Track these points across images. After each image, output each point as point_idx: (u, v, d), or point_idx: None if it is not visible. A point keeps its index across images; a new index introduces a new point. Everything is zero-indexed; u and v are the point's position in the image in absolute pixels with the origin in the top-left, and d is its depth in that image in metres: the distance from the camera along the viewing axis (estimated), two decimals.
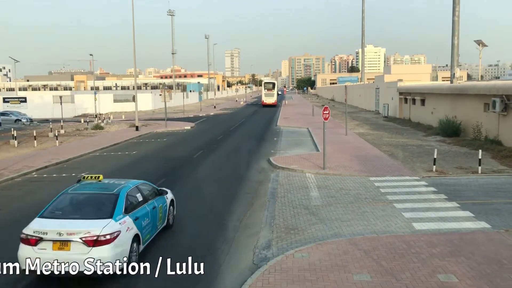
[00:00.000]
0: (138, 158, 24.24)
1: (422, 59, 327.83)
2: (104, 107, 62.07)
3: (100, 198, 9.65)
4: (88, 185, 10.23)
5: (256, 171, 19.78)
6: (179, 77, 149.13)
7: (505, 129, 23.99)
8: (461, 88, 29.99)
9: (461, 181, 16.86)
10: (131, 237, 9.12)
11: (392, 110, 46.31)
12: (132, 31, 37.41)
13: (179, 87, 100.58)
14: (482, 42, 60.82)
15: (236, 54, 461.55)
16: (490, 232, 11.07)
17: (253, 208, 13.98)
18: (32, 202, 15.19)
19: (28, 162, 22.32)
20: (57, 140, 29.94)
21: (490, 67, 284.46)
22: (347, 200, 14.48)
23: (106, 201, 9.43)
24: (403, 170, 18.88)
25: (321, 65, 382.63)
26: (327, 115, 19.68)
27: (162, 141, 31.47)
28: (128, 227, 9.10)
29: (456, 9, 32.76)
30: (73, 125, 44.03)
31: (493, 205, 13.52)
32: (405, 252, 9.68)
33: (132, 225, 9.29)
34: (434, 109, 34.95)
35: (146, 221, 10.06)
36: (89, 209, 9.41)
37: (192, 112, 61.75)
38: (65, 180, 18.66)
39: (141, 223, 9.75)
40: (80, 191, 10.02)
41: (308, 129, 36.68)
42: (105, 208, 9.23)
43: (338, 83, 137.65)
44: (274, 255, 9.96)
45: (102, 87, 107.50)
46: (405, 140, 28.27)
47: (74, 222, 8.81)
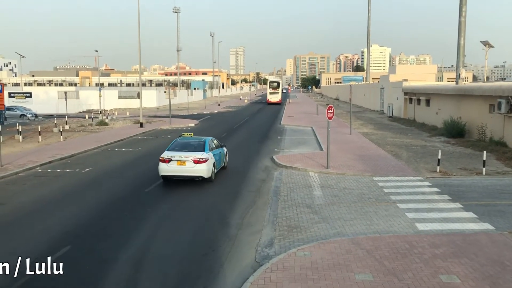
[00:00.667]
0: (142, 154, 24.28)
1: (427, 60, 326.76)
2: (108, 103, 62.14)
3: (196, 143, 17.57)
4: (186, 138, 18.33)
5: (259, 169, 19.79)
6: (184, 74, 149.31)
7: (511, 130, 23.88)
8: (467, 89, 29.86)
9: (465, 182, 16.80)
10: (212, 162, 16.96)
11: (397, 110, 46.19)
12: (138, 28, 37.47)
13: (184, 85, 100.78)
14: (488, 43, 60.54)
15: (241, 52, 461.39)
16: (493, 233, 11.03)
17: (256, 206, 13.99)
18: (36, 197, 15.27)
19: (33, 157, 22.41)
20: (61, 135, 30.04)
21: (496, 68, 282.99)
22: (350, 199, 14.46)
23: (199, 144, 17.34)
24: (407, 170, 18.84)
25: (326, 64, 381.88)
26: (331, 114, 19.65)
27: (166, 138, 31.49)
28: (211, 157, 16.87)
29: (462, 9, 32.62)
30: (77, 121, 44.14)
31: (497, 207, 13.47)
32: (407, 252, 9.67)
33: (212, 157, 17.03)
34: (439, 110, 34.83)
35: (217, 157, 17.87)
36: (191, 147, 17.14)
37: (196, 110, 61.81)
38: (69, 175, 18.73)
39: (215, 158, 17.51)
40: (183, 140, 17.99)
41: (312, 128, 36.64)
42: (200, 147, 17.06)
43: (343, 82, 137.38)
44: (276, 253, 9.97)
45: (107, 83, 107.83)
46: (409, 141, 28.20)
47: (186, 153, 16.52)
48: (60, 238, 11.05)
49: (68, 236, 11.24)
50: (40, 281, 8.74)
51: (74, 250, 10.26)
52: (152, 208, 13.80)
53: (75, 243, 10.73)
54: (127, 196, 15.36)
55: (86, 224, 12.24)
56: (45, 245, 10.60)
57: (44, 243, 10.79)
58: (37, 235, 11.41)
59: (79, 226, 12.09)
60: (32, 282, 8.30)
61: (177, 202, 14.68)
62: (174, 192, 15.78)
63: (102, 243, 10.80)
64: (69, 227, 11.92)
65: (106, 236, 11.31)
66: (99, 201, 14.69)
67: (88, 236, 11.35)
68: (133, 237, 11.18)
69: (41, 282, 8.43)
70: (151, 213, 13.30)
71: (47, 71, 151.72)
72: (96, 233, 11.58)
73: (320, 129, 34.23)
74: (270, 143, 28.30)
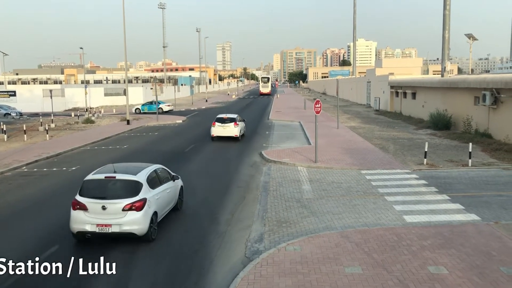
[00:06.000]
0: (129, 152, 24.13)
1: (413, 53, 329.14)
2: (94, 100, 61.53)
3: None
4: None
5: (248, 165, 19.78)
6: (170, 70, 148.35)
7: (495, 122, 24.19)
8: (452, 82, 30.15)
9: (451, 174, 16.99)
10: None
11: (384, 103, 46.48)
12: (123, 24, 37.10)
13: (171, 81, 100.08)
14: (472, 36, 61.10)
15: (227, 48, 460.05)
16: (480, 224, 11.19)
17: (245, 201, 14.00)
18: (22, 196, 15.08)
19: (18, 156, 22.13)
20: (47, 134, 29.69)
21: (481, 61, 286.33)
22: (339, 193, 14.53)
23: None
24: (394, 163, 18.98)
25: (312, 59, 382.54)
26: (319, 109, 19.70)
27: (153, 135, 31.34)
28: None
29: (447, 3, 32.88)
30: (63, 119, 43.66)
31: (483, 198, 13.65)
32: (396, 245, 9.76)
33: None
34: (425, 103, 35.13)
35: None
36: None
37: (183, 106, 61.51)
38: (56, 174, 18.54)
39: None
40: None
41: (300, 122, 36.71)
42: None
43: (329, 76, 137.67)
44: (266, 248, 10.00)
45: (92, 80, 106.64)
46: (396, 134, 28.41)
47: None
48: (48, 238, 10.95)
49: (55, 235, 11.13)
50: (30, 281, 8.66)
51: (62, 250, 10.17)
52: None
53: (63, 242, 10.62)
54: None
55: None
56: (33, 245, 10.49)
57: (31, 243, 10.68)
58: (24, 235, 11.29)
59: (67, 225, 11.95)
60: (21, 282, 8.20)
61: None
62: None
63: (90, 243, 10.69)
64: (56, 227, 11.80)
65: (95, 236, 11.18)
66: None
67: None
68: (123, 237, 11.08)
69: (31, 283, 8.35)
70: None
71: (32, 69, 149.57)
72: None
73: (308, 123, 34.30)
74: (259, 139, 28.29)
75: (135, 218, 10.06)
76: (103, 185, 10.60)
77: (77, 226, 10.27)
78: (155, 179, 11.36)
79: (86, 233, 10.27)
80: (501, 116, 23.61)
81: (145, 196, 10.38)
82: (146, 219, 10.22)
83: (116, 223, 10.02)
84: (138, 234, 10.15)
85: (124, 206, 10.09)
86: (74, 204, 10.37)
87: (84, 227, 10.16)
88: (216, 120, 27.49)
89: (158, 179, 11.50)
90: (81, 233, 10.29)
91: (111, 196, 10.36)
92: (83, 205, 10.22)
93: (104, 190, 10.52)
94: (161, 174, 11.95)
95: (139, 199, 10.24)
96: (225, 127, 26.79)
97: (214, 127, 27.06)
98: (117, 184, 10.60)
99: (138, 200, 10.21)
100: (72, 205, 10.42)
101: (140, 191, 10.41)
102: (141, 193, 10.37)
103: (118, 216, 10.06)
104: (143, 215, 10.17)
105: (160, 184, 11.46)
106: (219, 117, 27.71)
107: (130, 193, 10.34)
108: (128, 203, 10.12)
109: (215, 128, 27.02)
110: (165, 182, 11.84)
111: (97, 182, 10.70)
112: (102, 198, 10.25)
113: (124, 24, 37.09)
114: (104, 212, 10.08)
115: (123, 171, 11.00)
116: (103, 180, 10.66)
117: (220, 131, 26.86)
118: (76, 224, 10.28)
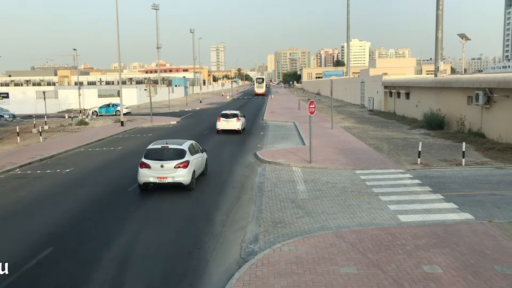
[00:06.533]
0: (123, 153, 24.04)
1: (406, 53, 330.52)
2: (88, 102, 61.24)
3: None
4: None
5: (243, 166, 19.78)
6: (164, 71, 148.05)
7: (488, 121, 24.34)
8: (445, 82, 30.31)
9: (445, 173, 17.07)
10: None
11: (377, 103, 46.63)
12: (116, 25, 36.99)
13: (165, 82, 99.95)
14: (465, 35, 61.41)
15: (221, 48, 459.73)
16: (473, 223, 11.25)
17: (240, 202, 14.00)
18: (16, 199, 14.99)
19: (12, 158, 22.00)
20: (40, 136, 29.54)
21: (473, 61, 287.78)
22: (333, 193, 14.56)
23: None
24: (388, 163, 19.05)
25: (306, 59, 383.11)
26: (313, 109, 19.74)
27: (147, 136, 31.24)
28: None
29: (440, 3, 33.06)
30: (57, 120, 43.44)
31: (476, 197, 13.73)
32: (390, 244, 9.79)
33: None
34: (418, 103, 35.28)
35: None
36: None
37: (177, 107, 61.39)
38: (49, 176, 18.44)
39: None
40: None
41: (294, 123, 36.75)
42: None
43: (323, 77, 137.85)
44: (261, 249, 10.00)
45: (86, 82, 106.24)
46: (390, 134, 28.52)
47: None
48: (42, 240, 10.89)
49: (50, 237, 11.08)
50: (24, 283, 8.63)
51: (57, 252, 10.13)
52: (135, 207, 13.70)
53: (57, 244, 10.58)
54: (109, 195, 15.20)
55: (68, 225, 12.08)
56: (27, 247, 10.43)
57: (26, 245, 10.61)
58: (19, 238, 11.22)
59: (61, 227, 11.92)
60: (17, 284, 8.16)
61: (160, 200, 14.57)
62: (157, 190, 15.65)
63: (85, 244, 10.67)
64: (51, 229, 11.75)
65: (90, 237, 11.18)
66: (81, 201, 14.51)
67: (71, 237, 11.20)
68: (116, 237, 11.08)
69: (25, 284, 8.31)
70: (134, 212, 13.21)
71: (25, 71, 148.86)
72: (79, 234, 11.44)
73: (302, 124, 34.36)
74: (253, 139, 28.30)
75: (183, 173, 14.80)
76: (160, 152, 15.30)
77: (143, 178, 14.90)
78: (192, 149, 16.12)
79: (149, 183, 15.02)
80: (494, 115, 23.77)
81: (188, 159, 15.10)
82: (189, 174, 14.97)
83: (170, 176, 14.73)
84: (184, 184, 14.91)
85: (175, 165, 14.75)
86: (141, 164, 15.01)
87: (149, 179, 14.84)
88: (221, 115, 31.14)
89: (193, 149, 16.28)
90: (146, 183, 15.03)
91: (166, 158, 14.97)
92: (148, 164, 14.85)
93: (161, 154, 15.17)
94: (195, 146, 16.82)
95: (184, 160, 14.96)
96: (229, 122, 30.42)
97: (219, 122, 30.62)
98: (170, 151, 15.33)
99: (184, 161, 14.91)
100: (139, 165, 15.05)
101: (185, 155, 15.14)
102: (185, 157, 15.10)
103: (171, 172, 14.74)
104: (188, 171, 14.92)
105: (195, 153, 16.27)
106: (223, 113, 31.40)
107: (178, 156, 15.06)
108: (178, 163, 14.79)
109: (220, 123, 30.56)
110: (198, 152, 16.68)
111: (156, 150, 15.43)
112: (160, 160, 14.89)
113: (118, 26, 36.99)
114: (162, 169, 14.76)
115: (172, 143, 15.98)
116: (160, 148, 15.47)
117: (225, 125, 30.52)
118: (143, 178, 14.90)
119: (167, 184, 14.79)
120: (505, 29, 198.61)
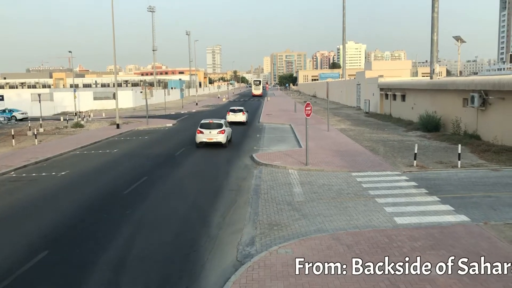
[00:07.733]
0: (119, 156, 23.98)
1: (402, 55, 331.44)
2: (84, 105, 61.19)
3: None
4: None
5: (239, 168, 19.77)
6: (160, 74, 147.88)
7: (483, 123, 24.44)
8: (441, 84, 30.42)
9: (441, 175, 17.11)
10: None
11: (373, 106, 46.75)
12: (112, 27, 36.94)
13: (160, 84, 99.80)
14: (460, 38, 61.70)
15: (217, 51, 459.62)
16: (469, 225, 11.27)
17: (237, 205, 13.98)
18: (11, 202, 14.92)
19: (6, 161, 21.90)
20: (36, 138, 29.41)
21: (469, 63, 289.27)
22: (330, 195, 14.57)
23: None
24: (384, 165, 19.08)
25: (302, 62, 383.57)
26: (309, 112, 19.76)
27: (143, 139, 31.20)
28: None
29: (435, 5, 33.19)
30: (52, 123, 43.29)
31: (472, 199, 13.77)
32: (387, 246, 9.80)
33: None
34: (414, 105, 35.39)
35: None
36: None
37: (173, 109, 61.32)
38: (45, 179, 18.36)
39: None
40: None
41: (290, 125, 36.78)
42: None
43: (319, 79, 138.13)
44: (257, 251, 9.98)
45: (81, 84, 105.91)
46: (386, 136, 28.58)
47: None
48: (38, 243, 10.83)
49: (45, 241, 11.03)
50: (18, 287, 8.57)
51: (52, 255, 10.08)
52: (131, 209, 13.65)
53: (53, 248, 10.53)
54: (105, 198, 15.14)
55: (63, 228, 12.03)
56: (23, 251, 10.37)
57: (21, 249, 10.55)
58: (14, 241, 11.15)
59: (56, 230, 11.87)
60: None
61: (156, 202, 14.53)
62: (153, 192, 15.63)
63: (80, 247, 10.62)
64: (46, 232, 11.69)
65: (85, 240, 11.12)
66: (76, 204, 14.45)
67: (66, 240, 11.14)
68: (112, 240, 11.04)
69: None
70: (131, 214, 13.16)
71: (19, 73, 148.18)
72: (75, 237, 11.38)
73: (298, 126, 34.39)
74: (250, 141, 28.30)
75: (222, 136, 25.19)
76: (208, 124, 25.60)
77: (199, 140, 25.31)
78: (226, 123, 26.61)
79: (203, 142, 25.33)
80: (489, 117, 23.87)
81: (224, 129, 25.51)
82: (225, 137, 25.50)
83: (215, 138, 25.10)
84: (223, 143, 25.33)
85: (218, 132, 25.12)
86: (198, 131, 25.39)
87: (202, 139, 25.24)
88: (229, 110, 39.89)
89: (226, 124, 26.45)
90: (201, 142, 25.33)
91: (212, 128, 25.35)
92: (201, 131, 25.22)
93: (209, 125, 25.50)
94: (225, 123, 26.70)
95: (222, 129, 25.37)
96: (236, 115, 38.76)
97: (228, 116, 38.13)
98: (214, 123, 25.62)
99: (222, 129, 25.32)
100: (197, 132, 25.47)
101: (222, 126, 25.55)
102: (223, 128, 25.48)
103: (215, 136, 25.08)
104: (224, 135, 25.32)
105: (227, 127, 26.62)
106: (231, 108, 40.29)
107: (219, 127, 25.43)
108: (219, 130, 25.21)
109: (229, 116, 37.94)
110: (227, 127, 26.83)
111: (206, 123, 25.72)
112: (209, 128, 25.32)
113: (113, 28, 36.93)
114: (210, 134, 25.11)
115: (215, 119, 26.27)
116: (208, 122, 25.79)
117: (233, 118, 38.01)
118: (199, 139, 25.30)
119: (213, 143, 25.08)
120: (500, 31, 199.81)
